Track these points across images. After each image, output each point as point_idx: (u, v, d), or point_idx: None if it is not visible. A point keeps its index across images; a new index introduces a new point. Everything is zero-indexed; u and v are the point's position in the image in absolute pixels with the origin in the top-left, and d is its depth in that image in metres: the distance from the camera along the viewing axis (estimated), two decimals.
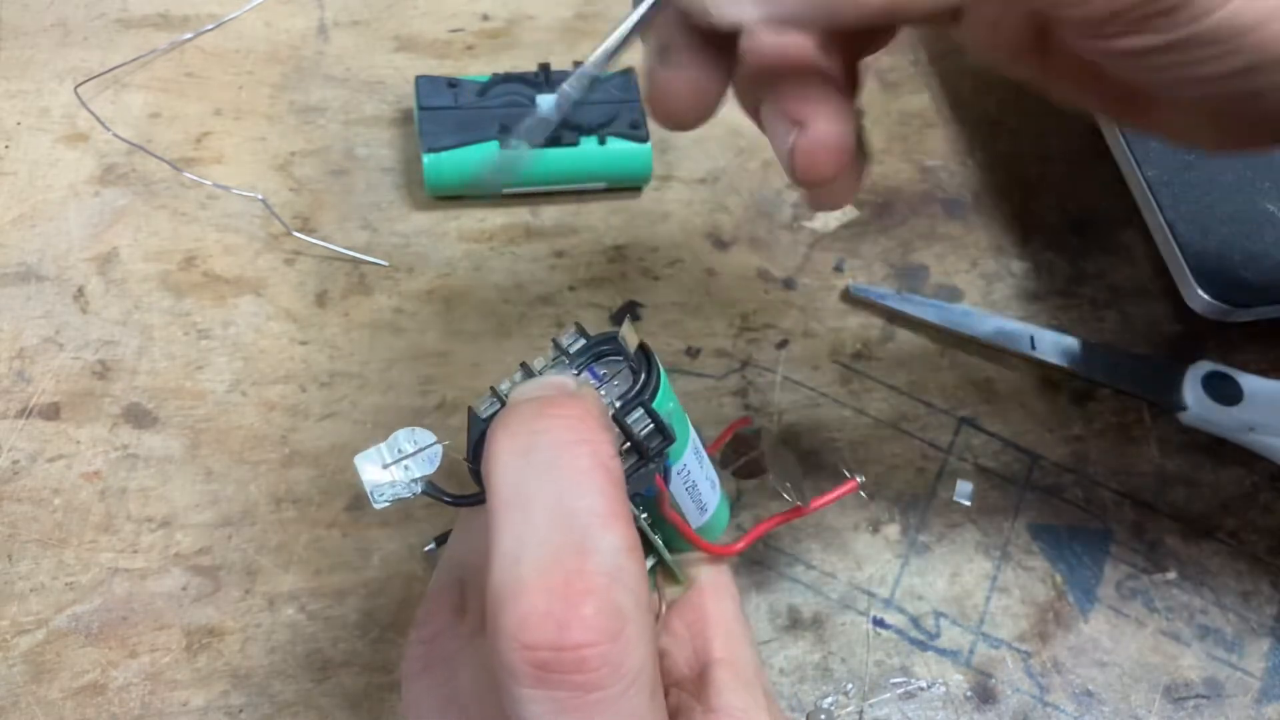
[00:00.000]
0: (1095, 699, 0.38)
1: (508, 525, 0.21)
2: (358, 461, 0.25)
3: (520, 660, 0.20)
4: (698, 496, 0.30)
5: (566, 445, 0.22)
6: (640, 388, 0.25)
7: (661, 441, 0.25)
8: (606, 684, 0.20)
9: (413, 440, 0.25)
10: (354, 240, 0.46)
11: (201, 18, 0.51)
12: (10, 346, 0.42)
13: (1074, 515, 0.42)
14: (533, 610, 0.20)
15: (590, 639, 0.20)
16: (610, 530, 0.21)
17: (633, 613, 0.21)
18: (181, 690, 0.36)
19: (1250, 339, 0.47)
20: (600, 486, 0.21)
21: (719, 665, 0.28)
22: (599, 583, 0.20)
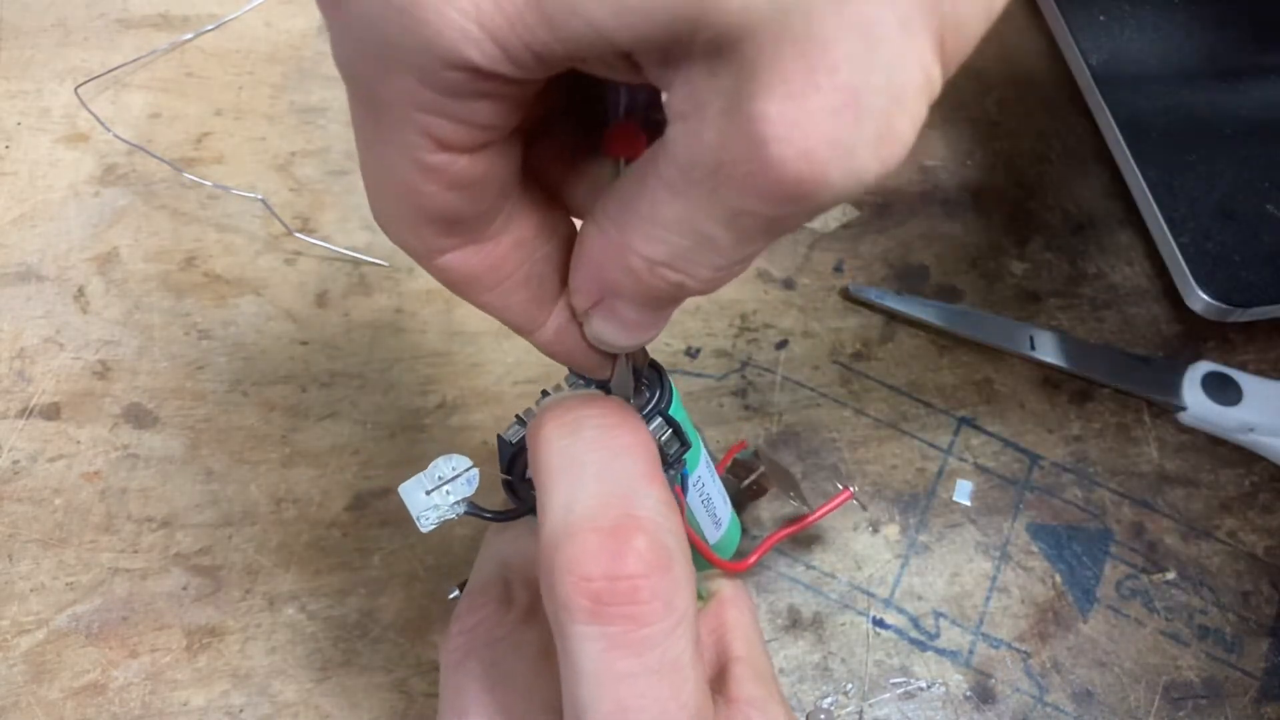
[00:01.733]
0: (1095, 699, 0.38)
1: (559, 486, 0.22)
2: (402, 491, 0.27)
3: (576, 593, 0.21)
4: (713, 510, 0.31)
5: (609, 428, 0.23)
6: (657, 398, 0.27)
7: (680, 447, 0.27)
8: (657, 618, 0.21)
9: (451, 466, 0.27)
10: (354, 240, 0.46)
11: (202, 18, 0.51)
12: (11, 346, 0.42)
13: (1074, 515, 0.42)
14: (587, 546, 0.21)
15: (642, 570, 0.21)
16: (651, 486, 0.22)
17: (679, 555, 0.22)
18: (182, 690, 0.36)
19: (1250, 339, 0.47)
20: (641, 455, 0.23)
21: (737, 662, 0.29)
22: (647, 524, 0.21)
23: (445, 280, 0.23)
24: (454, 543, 0.40)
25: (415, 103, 0.18)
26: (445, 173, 0.19)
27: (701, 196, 0.18)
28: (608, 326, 0.22)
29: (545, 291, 0.24)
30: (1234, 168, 0.48)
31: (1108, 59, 0.51)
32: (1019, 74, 0.54)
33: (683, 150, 0.18)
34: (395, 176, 0.20)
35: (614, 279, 0.20)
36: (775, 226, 0.18)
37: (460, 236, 0.21)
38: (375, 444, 0.41)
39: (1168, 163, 0.48)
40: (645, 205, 0.19)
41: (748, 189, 0.17)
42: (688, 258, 0.19)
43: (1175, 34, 0.53)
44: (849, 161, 0.16)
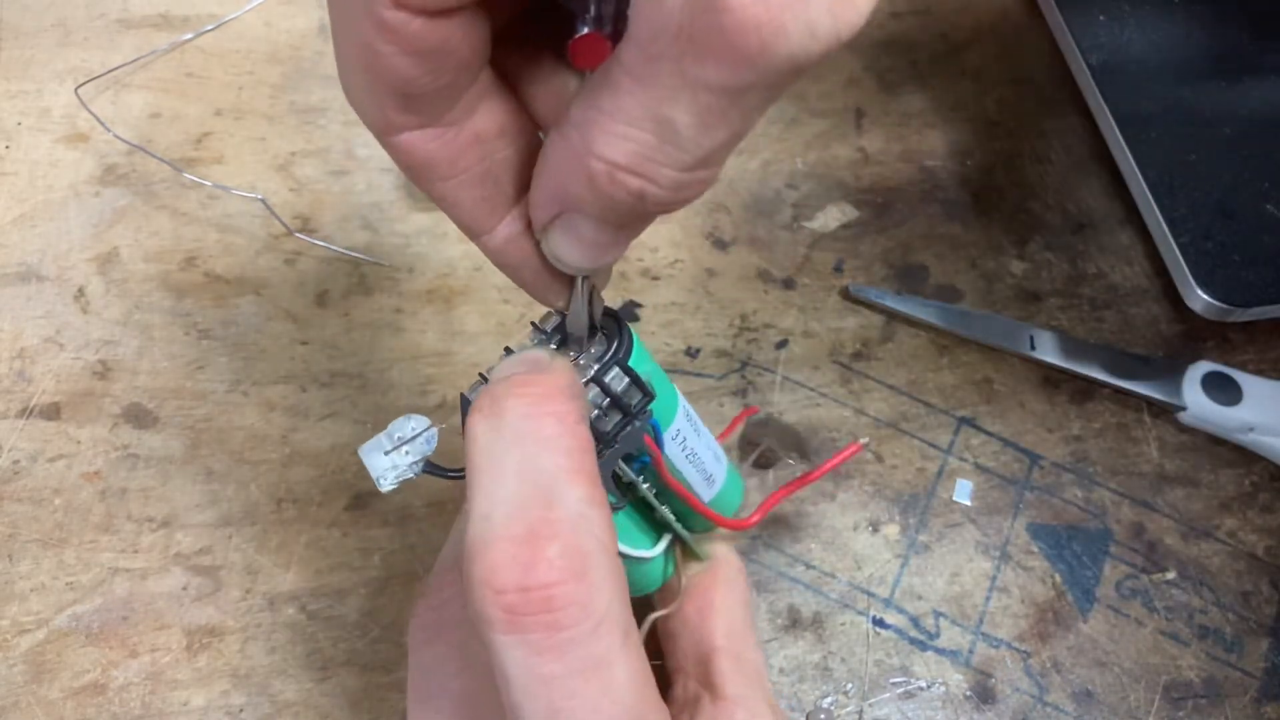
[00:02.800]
0: (1094, 699, 0.39)
1: (480, 489, 0.22)
2: (361, 452, 0.27)
3: (491, 605, 0.21)
4: (701, 466, 0.31)
5: (531, 416, 0.23)
6: (614, 349, 0.26)
7: (642, 398, 0.27)
8: (575, 622, 0.21)
9: (410, 426, 0.27)
10: (354, 240, 0.46)
11: (202, 18, 0.51)
12: (11, 346, 0.42)
13: (1074, 515, 0.42)
14: (500, 557, 0.21)
15: (555, 578, 0.21)
16: (574, 484, 0.22)
17: (597, 556, 0.22)
18: (182, 690, 0.36)
19: (1250, 339, 0.47)
20: (565, 448, 0.23)
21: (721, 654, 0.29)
22: (562, 528, 0.21)
23: (401, 160, 0.23)
24: None
25: None
26: (401, 33, 0.19)
27: (663, 74, 0.18)
28: (565, 242, 0.22)
29: (499, 195, 0.24)
30: (1234, 168, 0.48)
31: (1108, 59, 0.51)
32: (1019, 74, 0.54)
33: (645, 22, 0.18)
34: (355, 36, 0.20)
35: (574, 190, 0.21)
36: (735, 102, 0.18)
37: (419, 114, 0.22)
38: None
39: (1168, 163, 0.48)
40: (607, 99, 0.19)
41: (708, 48, 0.17)
42: (648, 155, 0.19)
43: (1175, 34, 0.53)
44: (803, 9, 0.17)
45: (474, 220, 0.24)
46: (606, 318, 0.27)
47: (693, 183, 0.20)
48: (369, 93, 0.21)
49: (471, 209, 0.24)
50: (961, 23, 0.56)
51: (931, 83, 0.54)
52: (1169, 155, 0.48)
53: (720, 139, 0.19)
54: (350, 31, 0.20)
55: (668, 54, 0.18)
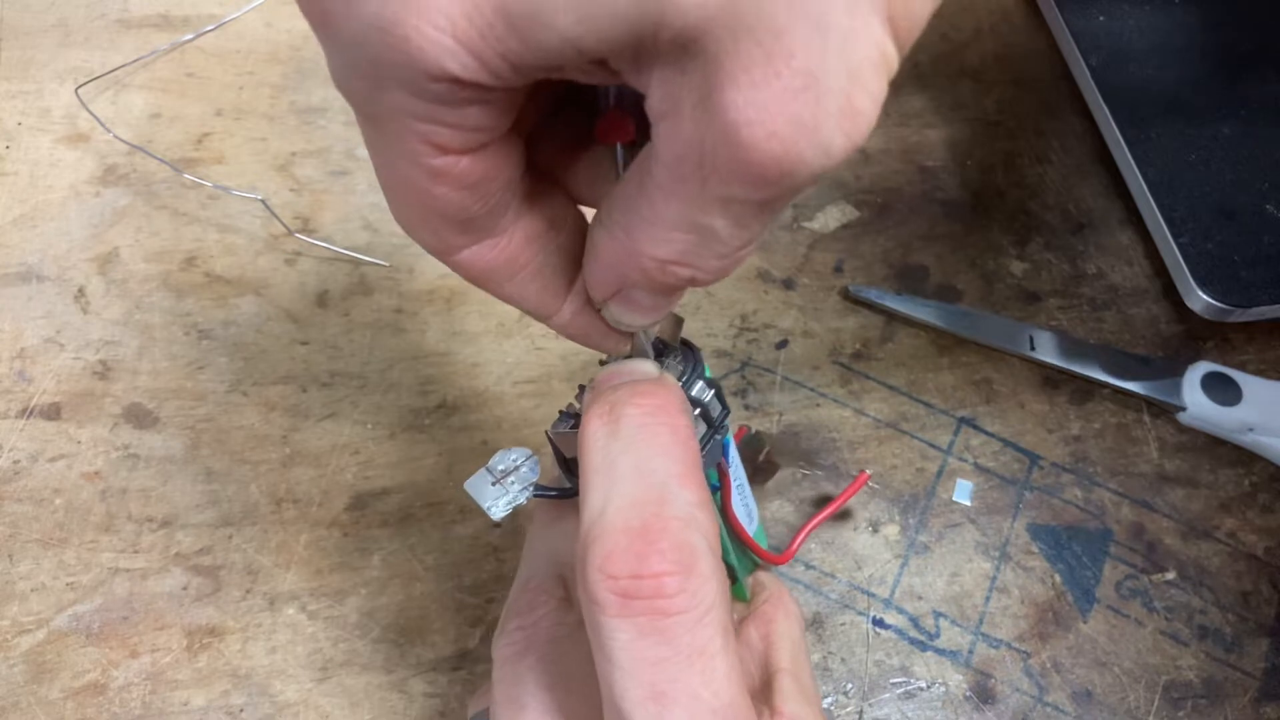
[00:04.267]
0: (1094, 699, 0.39)
1: (596, 487, 0.24)
2: (468, 487, 0.28)
3: (605, 589, 0.22)
4: (746, 499, 0.32)
5: (648, 423, 0.24)
6: (695, 364, 0.28)
7: (723, 410, 0.28)
8: (682, 609, 0.22)
9: (511, 458, 0.28)
10: (354, 240, 0.46)
11: (202, 18, 0.51)
12: (11, 346, 0.42)
13: (1073, 515, 0.42)
14: (615, 546, 0.22)
15: (666, 568, 0.22)
16: (685, 487, 0.23)
17: (705, 553, 0.23)
18: (182, 690, 0.36)
19: (1249, 339, 0.47)
20: (678, 455, 0.24)
21: (784, 674, 0.30)
22: (674, 525, 0.22)
23: (466, 275, 0.24)
24: (454, 542, 0.40)
25: (409, 113, 0.19)
26: (449, 174, 0.21)
27: (693, 191, 0.19)
28: (625, 312, 0.24)
29: (560, 279, 0.25)
30: (1234, 168, 0.48)
31: (1108, 59, 0.51)
32: (1019, 74, 0.54)
33: (667, 148, 0.19)
34: (406, 183, 0.21)
35: (628, 276, 0.22)
36: (765, 208, 0.20)
37: (474, 234, 0.23)
38: (375, 444, 0.41)
39: (1168, 163, 0.48)
40: (645, 208, 0.20)
41: (730, 175, 0.18)
42: (693, 253, 0.21)
43: (1175, 34, 0.53)
44: (815, 137, 0.18)
45: (540, 307, 0.25)
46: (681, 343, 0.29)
47: (735, 264, 0.22)
48: (426, 227, 0.23)
49: (536, 299, 0.25)
50: (961, 23, 0.56)
51: (931, 83, 0.54)
52: (1169, 155, 0.48)
53: (756, 231, 0.20)
54: (402, 183, 0.21)
55: (694, 177, 0.19)
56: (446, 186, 0.21)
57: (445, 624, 0.38)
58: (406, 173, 0.21)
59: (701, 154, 0.18)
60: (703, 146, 0.18)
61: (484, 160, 0.21)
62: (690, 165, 0.19)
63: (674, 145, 0.19)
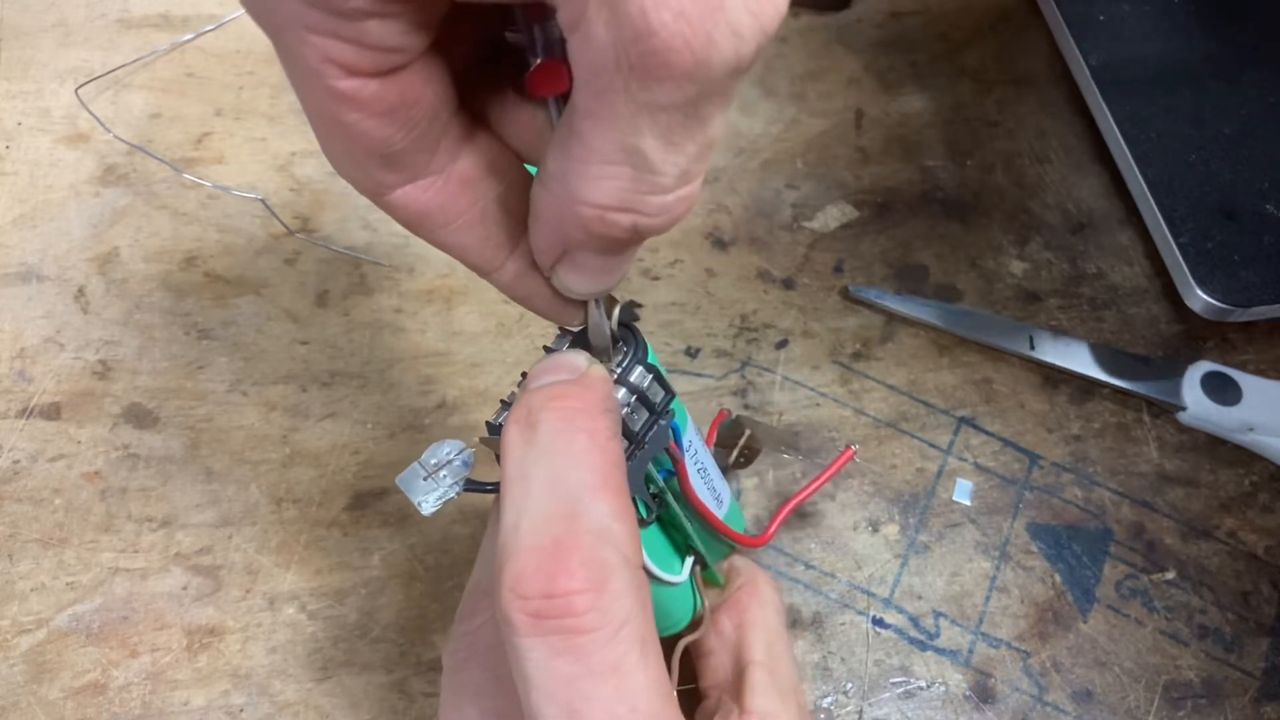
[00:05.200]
0: (1094, 699, 0.39)
1: (510, 500, 0.23)
2: (400, 482, 0.28)
3: (517, 610, 0.22)
4: (710, 483, 0.31)
5: (562, 431, 0.24)
6: (635, 349, 0.27)
7: (665, 395, 0.28)
8: (594, 627, 0.22)
9: (444, 450, 0.28)
10: (354, 240, 0.46)
11: (202, 18, 0.51)
12: (11, 346, 0.42)
13: (1073, 515, 0.42)
14: (525, 566, 0.22)
15: (576, 586, 0.22)
16: (599, 498, 0.23)
17: (619, 568, 0.22)
18: (182, 690, 0.36)
19: (1249, 339, 0.47)
20: (593, 464, 0.23)
21: (756, 667, 0.29)
22: (585, 541, 0.22)
23: (398, 216, 0.24)
24: (454, 542, 0.40)
25: (305, 24, 0.19)
26: (359, 99, 0.20)
27: (615, 107, 0.19)
28: (574, 276, 0.23)
29: (501, 233, 0.25)
30: (1234, 168, 0.48)
31: (1108, 59, 0.51)
32: (1019, 74, 0.54)
33: (582, 61, 0.18)
34: (319, 109, 0.21)
35: (571, 234, 0.22)
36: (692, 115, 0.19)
37: (402, 170, 0.22)
38: (375, 444, 0.41)
39: (1168, 163, 0.48)
40: (575, 147, 0.20)
41: (647, 74, 0.18)
42: (631, 190, 0.20)
43: (1175, 34, 0.53)
44: (722, 15, 0.17)
45: (481, 260, 0.25)
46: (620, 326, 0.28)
47: (677, 203, 0.21)
48: (350, 160, 0.22)
49: (476, 250, 0.25)
50: (961, 23, 0.56)
51: (931, 83, 0.54)
52: (1169, 155, 0.48)
53: (690, 153, 0.20)
54: (316, 108, 0.21)
55: (614, 87, 0.18)
56: (359, 112, 0.20)
57: (445, 624, 0.38)
58: (317, 98, 0.20)
59: (616, 58, 0.18)
60: (615, 50, 0.18)
61: (397, 85, 0.20)
62: (608, 75, 0.18)
63: (588, 55, 0.18)
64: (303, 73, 0.20)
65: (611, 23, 0.17)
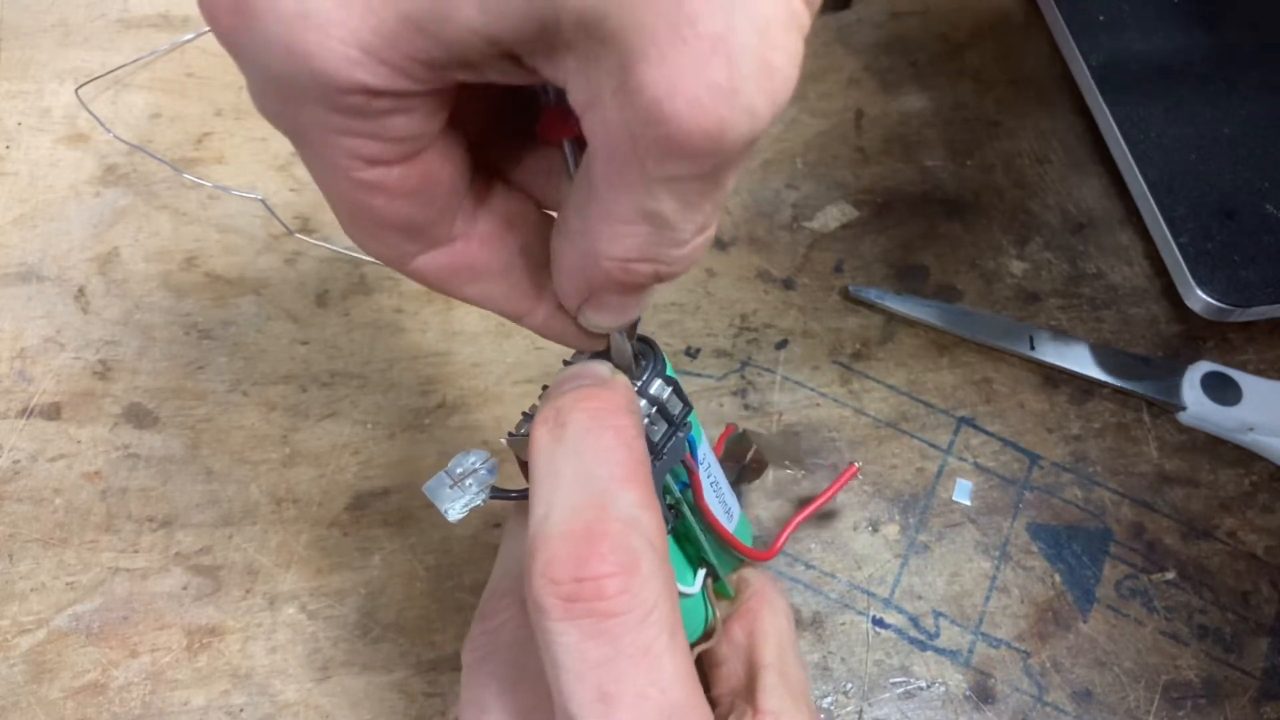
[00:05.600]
0: (1094, 699, 0.39)
1: (541, 494, 0.24)
2: (427, 490, 0.28)
3: (548, 594, 0.22)
4: (722, 496, 0.31)
5: (591, 429, 0.24)
6: (653, 363, 0.28)
7: (684, 407, 0.28)
8: (625, 610, 0.22)
9: (469, 460, 0.28)
10: None
11: (202, 18, 0.51)
12: (11, 346, 0.42)
13: (1073, 515, 0.42)
14: (557, 552, 0.22)
15: (607, 570, 0.22)
16: (626, 489, 0.23)
17: (647, 553, 0.23)
18: (182, 690, 0.36)
19: (1249, 339, 0.47)
20: (621, 457, 0.24)
21: (768, 670, 0.30)
22: (615, 528, 0.23)
23: (424, 282, 0.24)
24: (454, 542, 0.40)
25: (329, 128, 0.19)
26: (384, 185, 0.20)
27: (633, 178, 0.19)
28: (601, 315, 0.24)
29: (527, 280, 0.25)
30: (1234, 168, 0.48)
31: (1108, 59, 0.51)
32: (1019, 74, 0.54)
33: (599, 139, 0.19)
34: (343, 197, 0.21)
35: (596, 282, 0.22)
36: (708, 182, 0.19)
37: (425, 240, 0.23)
38: (375, 444, 0.41)
39: (1168, 163, 0.48)
40: (595, 207, 0.20)
41: (664, 154, 0.18)
42: (650, 246, 0.20)
43: (1175, 34, 0.53)
44: (736, 100, 0.17)
45: (511, 309, 0.26)
46: (639, 340, 0.29)
47: (695, 251, 0.21)
48: (374, 238, 0.22)
49: (505, 300, 0.25)
50: (961, 23, 0.56)
51: (931, 83, 0.54)
52: (1169, 155, 0.48)
53: (708, 210, 0.20)
54: (338, 197, 0.21)
55: (630, 163, 0.19)
56: (384, 197, 0.21)
57: (445, 624, 0.38)
58: (341, 188, 0.21)
59: (632, 138, 0.18)
60: (631, 130, 0.18)
61: (420, 167, 0.21)
62: (624, 152, 0.18)
63: (604, 135, 0.18)
64: (325, 168, 0.20)
65: (626, 106, 0.18)
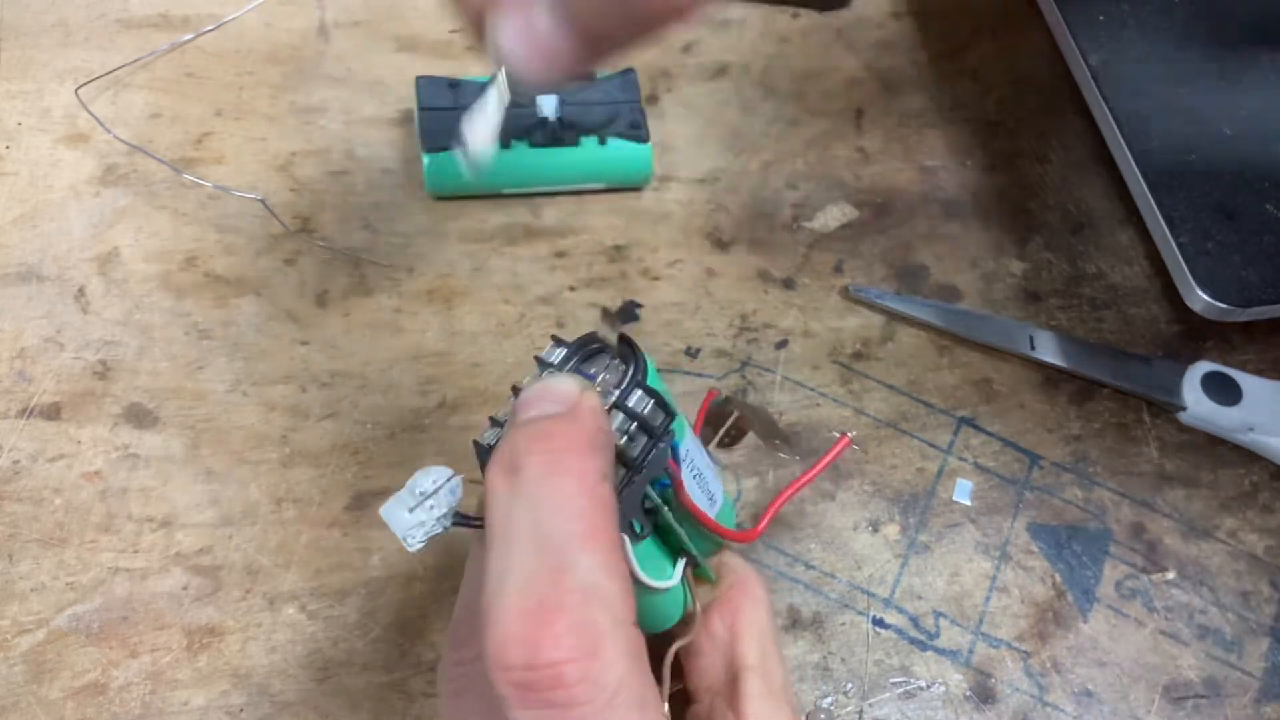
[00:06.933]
0: (1094, 699, 0.39)
1: (495, 555, 0.22)
2: (383, 513, 0.26)
3: (503, 682, 0.20)
4: (705, 485, 0.31)
5: (548, 476, 0.22)
6: (633, 371, 0.26)
7: (665, 418, 0.26)
8: (587, 699, 0.20)
9: (430, 479, 0.26)
10: (354, 240, 0.46)
11: (202, 18, 0.51)
12: (11, 346, 0.42)
13: (1074, 515, 0.42)
14: (508, 633, 0.20)
15: (564, 656, 0.20)
16: (586, 550, 0.21)
17: (609, 628, 0.21)
18: (182, 690, 0.36)
19: (1250, 339, 0.47)
20: (581, 510, 0.22)
21: (751, 672, 0.29)
22: (572, 601, 0.21)
23: None
24: (454, 542, 0.40)
25: None
26: None
27: None
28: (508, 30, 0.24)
29: None
30: (1234, 168, 0.48)
31: (1108, 59, 0.51)
32: (1019, 74, 0.54)
33: None
34: None
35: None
36: None
37: None
38: (375, 444, 0.41)
39: (1168, 163, 0.48)
40: None
41: None
42: None
43: (1175, 34, 0.53)
44: None
45: None
46: (620, 341, 0.27)
47: None
48: None
49: None
50: (961, 23, 0.56)
51: (931, 83, 0.54)
52: (1169, 155, 0.48)
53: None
54: None
55: None
56: None
57: (445, 624, 0.38)
58: None
59: None
60: None
61: None
62: None
63: None
64: None
65: None
